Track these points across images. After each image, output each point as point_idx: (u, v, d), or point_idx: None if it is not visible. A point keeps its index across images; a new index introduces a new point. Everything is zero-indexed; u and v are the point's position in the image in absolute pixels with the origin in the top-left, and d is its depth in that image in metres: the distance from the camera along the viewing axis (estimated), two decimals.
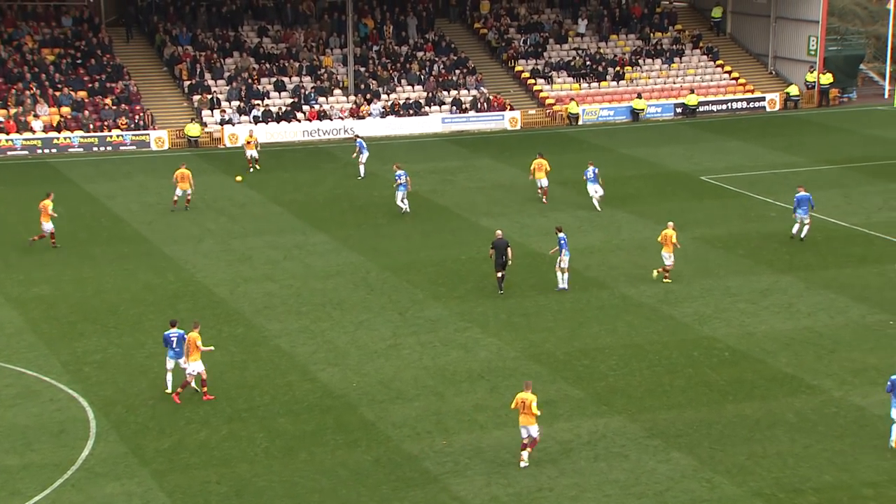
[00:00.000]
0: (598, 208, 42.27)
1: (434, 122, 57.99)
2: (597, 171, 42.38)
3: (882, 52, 66.51)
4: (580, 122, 59.20)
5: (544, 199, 43.41)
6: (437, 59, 62.44)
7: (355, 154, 48.54)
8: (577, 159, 49.74)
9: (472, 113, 58.88)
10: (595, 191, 42.26)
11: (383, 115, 58.13)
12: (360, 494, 22.55)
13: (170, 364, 27.00)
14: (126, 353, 29.63)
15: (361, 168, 48.27)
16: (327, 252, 38.22)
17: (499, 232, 34.38)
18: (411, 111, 58.71)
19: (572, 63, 63.15)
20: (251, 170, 48.58)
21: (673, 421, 25.24)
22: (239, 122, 56.36)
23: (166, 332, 26.98)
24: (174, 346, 26.69)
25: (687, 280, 34.52)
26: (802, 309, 31.86)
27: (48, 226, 38.00)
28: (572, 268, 35.35)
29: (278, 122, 56.65)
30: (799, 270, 34.98)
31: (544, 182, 43.37)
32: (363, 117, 57.65)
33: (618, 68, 62.97)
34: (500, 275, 33.46)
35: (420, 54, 62.74)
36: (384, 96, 59.52)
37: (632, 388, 27.14)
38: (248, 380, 27.91)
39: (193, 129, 54.97)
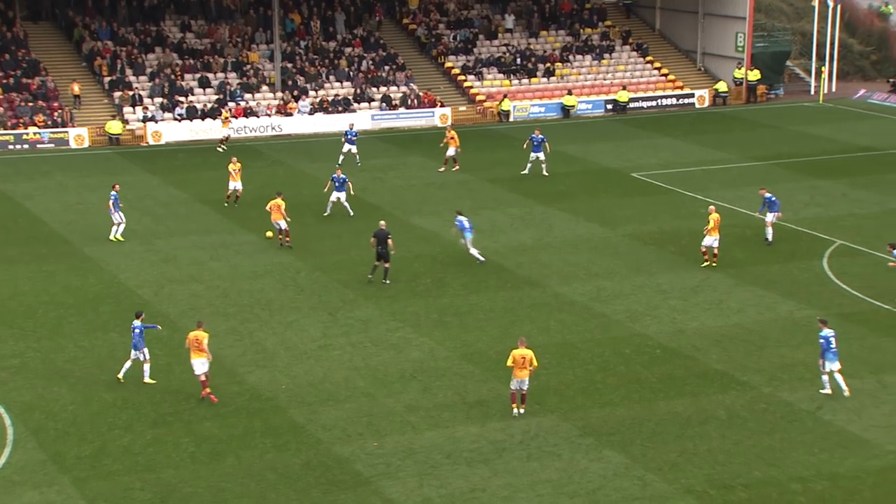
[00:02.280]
0: (545, 173, 45.41)
1: (363, 118, 57.43)
2: (543, 138, 45.15)
3: (808, 49, 67.47)
4: (511, 119, 59.12)
5: (456, 167, 46.46)
6: (365, 55, 61.91)
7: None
8: (508, 157, 49.64)
9: (402, 110, 58.47)
10: (538, 158, 44.93)
11: (311, 111, 57.44)
12: (289, 498, 22.10)
13: (133, 354, 26.98)
14: (45, 357, 28.75)
15: (339, 157, 48.45)
16: (255, 252, 37.55)
17: (382, 222, 34.31)
18: (340, 108, 58.11)
19: (502, 59, 63.05)
20: (227, 204, 43.91)
21: (605, 419, 25.13)
22: (162, 120, 55.28)
23: (133, 323, 27.01)
24: (136, 336, 26.88)
25: (619, 277, 34.51)
26: (732, 305, 32.00)
27: None
28: (504, 266, 35.20)
29: (203, 120, 55.67)
30: (728, 267, 35.16)
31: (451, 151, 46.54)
32: (291, 114, 56.90)
33: (548, 64, 63.01)
34: (385, 266, 33.52)
35: (348, 50, 62.16)
36: (312, 93, 58.83)
37: (564, 386, 26.99)
38: (173, 383, 27.22)
39: (114, 127, 53.78)
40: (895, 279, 33.68)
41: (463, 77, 62.10)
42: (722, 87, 62.49)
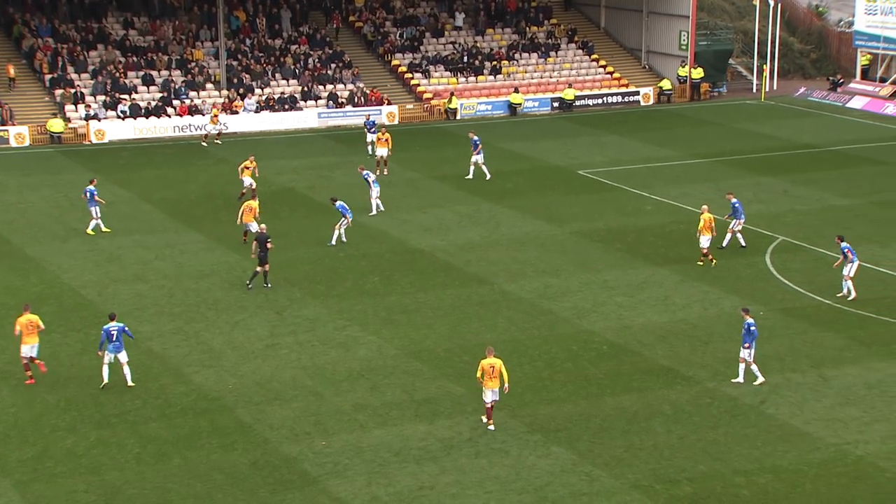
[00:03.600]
0: (470, 176, 45.28)
1: (310, 117, 57.18)
2: (478, 140, 45.49)
3: (749, 47, 68.32)
4: (458, 117, 59.18)
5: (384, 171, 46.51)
6: (311, 52, 61.62)
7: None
8: (455, 155, 49.69)
9: (348, 108, 58.28)
10: (477, 161, 45.31)
11: (257, 109, 57.06)
12: (236, 499, 21.95)
13: (108, 357, 26.64)
14: None
15: (369, 148, 49.55)
16: (201, 251, 37.22)
17: (263, 226, 34.10)
18: (286, 106, 57.79)
19: (449, 57, 63.10)
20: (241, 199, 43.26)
21: (553, 415, 25.26)
22: (105, 118, 54.59)
23: (105, 326, 26.62)
24: (114, 339, 26.49)
25: (566, 274, 34.70)
26: (678, 301, 32.31)
27: None
28: (452, 264, 35.24)
29: (147, 118, 55.05)
30: (674, 263, 35.51)
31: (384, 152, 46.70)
32: (236, 112, 56.47)
33: (494, 62, 63.17)
34: (264, 269, 33.24)
35: (294, 48, 61.82)
36: (258, 91, 58.44)
37: (512, 383, 26.97)
38: (118, 384, 26.88)
39: (56, 125, 52.99)
40: (835, 274, 34.23)
41: (410, 75, 62.05)
42: (666, 84, 63.08)
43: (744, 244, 36.52)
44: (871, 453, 23.37)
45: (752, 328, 26.33)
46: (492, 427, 24.43)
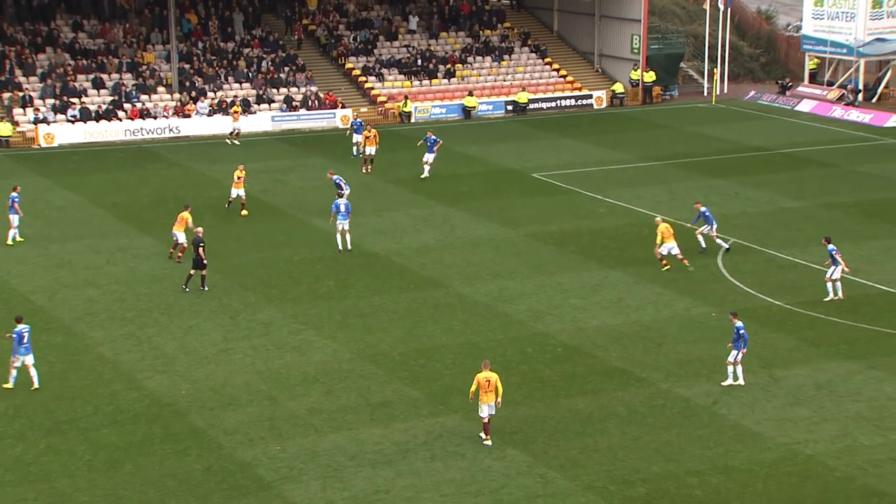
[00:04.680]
0: (426, 174, 45.96)
1: (264, 120, 56.88)
2: (436, 139, 45.96)
3: (700, 51, 69.00)
4: (413, 120, 59.18)
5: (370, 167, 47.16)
6: (264, 55, 61.32)
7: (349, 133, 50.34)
8: (410, 158, 49.68)
9: (302, 111, 58.07)
10: (427, 159, 45.64)
11: (210, 113, 56.67)
12: None
13: (19, 361, 26.42)
14: None
15: (354, 149, 49.79)
16: (153, 255, 36.90)
17: (199, 229, 33.94)
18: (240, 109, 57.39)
19: (403, 60, 63.09)
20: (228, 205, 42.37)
21: (508, 418, 25.31)
22: (54, 121, 53.92)
23: (16, 329, 26.44)
24: (24, 341, 26.33)
25: (521, 277, 34.81)
26: (631, 303, 32.54)
27: None
28: (407, 267, 35.24)
29: (98, 121, 54.47)
30: (627, 265, 35.76)
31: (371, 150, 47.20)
32: (189, 115, 56.06)
33: (448, 66, 63.26)
34: (197, 273, 33.11)
35: (247, 51, 61.49)
36: (211, 94, 58.04)
37: (468, 386, 26.96)
38: (68, 390, 26.59)
39: (4, 129, 52.26)
40: (785, 276, 34.67)
41: (364, 78, 61.96)
42: (618, 88, 63.53)
43: (704, 247, 36.71)
44: (820, 452, 23.68)
45: (742, 331, 26.44)
46: (488, 443, 23.85)
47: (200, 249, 33.02)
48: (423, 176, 46.18)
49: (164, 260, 36.31)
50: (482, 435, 24.15)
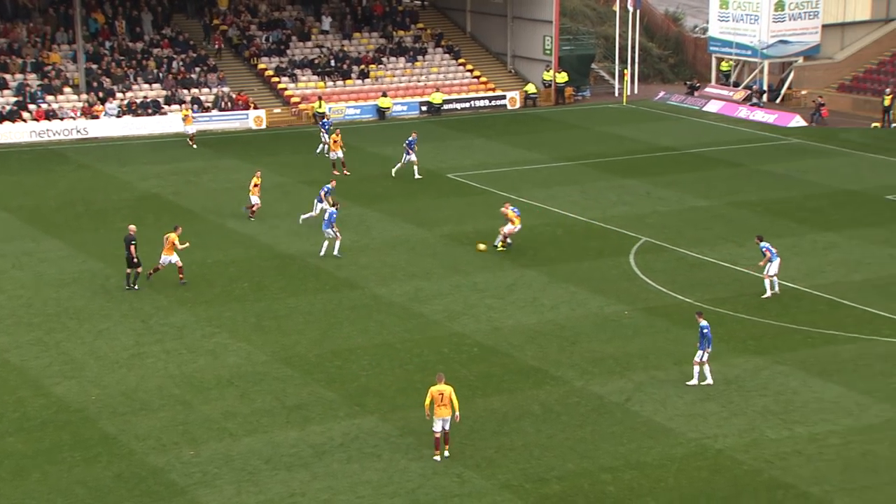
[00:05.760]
0: (417, 175, 45.82)
1: (174, 121, 56.04)
2: (415, 139, 46.29)
3: (611, 52, 69.95)
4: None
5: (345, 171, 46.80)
6: (174, 56, 60.47)
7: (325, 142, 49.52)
8: (323, 159, 49.45)
9: (214, 112, 57.39)
10: (408, 160, 45.88)
11: (119, 114, 55.70)
12: None
13: None
14: None
15: (325, 147, 49.43)
16: (61, 259, 36.14)
17: (131, 227, 33.64)
18: (150, 110, 56.56)
19: (316, 61, 62.77)
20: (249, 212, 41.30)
21: (425, 418, 25.30)
22: None
23: None
24: None
25: (436, 277, 34.90)
26: (546, 302, 32.85)
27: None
28: (323, 268, 35.05)
29: (2, 123, 53.12)
30: (542, 265, 36.09)
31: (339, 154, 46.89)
32: (97, 117, 55.00)
33: (362, 66, 63.11)
34: (136, 271, 32.94)
35: (156, 51, 60.57)
36: (119, 95, 57.05)
37: (384, 387, 27.12)
38: None
39: None
40: (695, 274, 35.34)
41: (277, 79, 61.49)
42: (531, 88, 64.08)
43: (509, 242, 37.16)
44: (729, 447, 24.20)
45: (706, 331, 26.70)
46: (437, 458, 23.23)
47: (132, 248, 32.49)
48: (417, 177, 46.44)
49: (73, 263, 35.60)
50: (437, 454, 23.35)
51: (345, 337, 30.19)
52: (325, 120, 52.08)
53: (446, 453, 23.38)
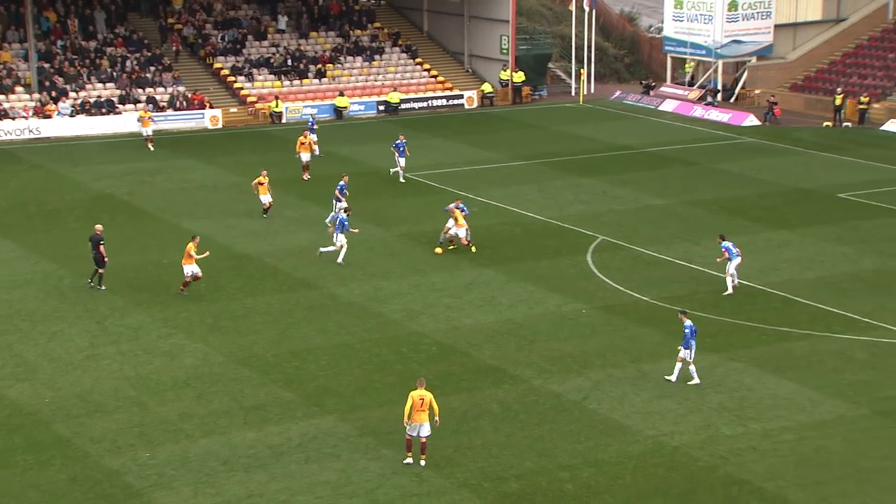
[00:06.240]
0: (402, 180, 45.40)
1: (129, 121, 55.52)
2: (405, 142, 45.87)
3: (567, 52, 70.27)
4: (283, 121, 58.66)
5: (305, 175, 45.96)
6: (129, 55, 59.90)
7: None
8: (281, 158, 49.25)
9: (169, 111, 56.94)
10: (399, 164, 45.46)
11: (73, 114, 55.08)
12: None
13: None
14: None
15: (315, 148, 48.67)
16: (13, 260, 35.69)
17: (98, 226, 33.42)
18: (104, 110, 56.00)
19: (273, 60, 62.47)
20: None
21: (384, 418, 25.34)
22: None
23: None
24: None
25: (395, 277, 34.87)
26: (504, 301, 32.93)
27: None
28: (280, 269, 34.93)
29: None
30: (500, 264, 36.17)
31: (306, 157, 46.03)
32: (49, 116, 54.36)
33: (319, 66, 62.91)
34: (99, 271, 32.70)
35: (110, 50, 59.96)
36: (73, 94, 56.41)
37: (343, 387, 27.05)
38: None
39: None
40: (652, 272, 35.60)
41: (233, 78, 61.12)
42: (488, 88, 64.20)
43: (469, 241, 37.23)
44: (685, 444, 24.40)
45: (687, 330, 26.86)
46: (409, 461, 23.00)
47: (101, 247, 32.15)
48: (401, 180, 45.91)
49: (25, 265, 35.16)
50: (411, 459, 23.10)
51: (303, 337, 30.08)
52: (311, 121, 51.10)
53: (422, 462, 23.05)
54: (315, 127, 50.23)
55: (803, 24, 66.88)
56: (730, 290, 33.44)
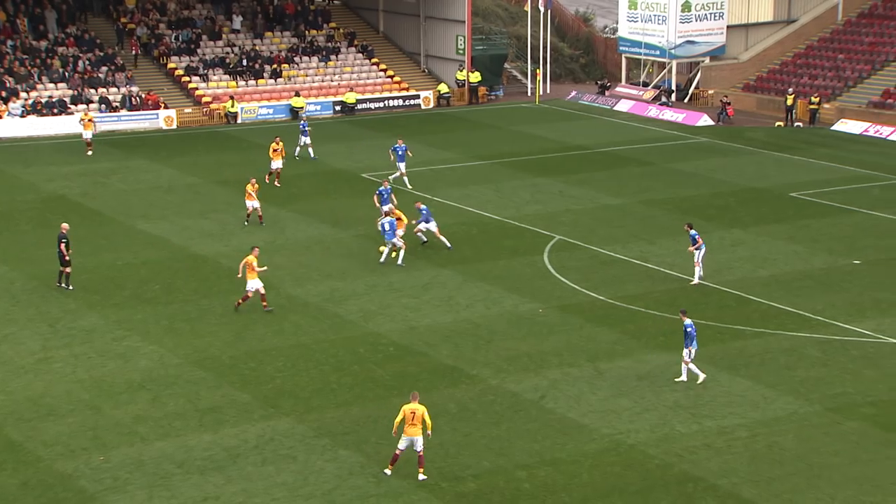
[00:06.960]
0: (409, 186, 44.22)
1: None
2: (405, 147, 45.17)
3: (523, 52, 70.49)
4: (239, 121, 58.33)
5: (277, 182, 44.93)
6: (80, 54, 59.24)
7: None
8: (236, 159, 48.97)
9: (123, 112, 56.40)
10: (399, 169, 44.82)
11: (24, 114, 54.38)
12: None
13: None
14: None
15: (310, 150, 48.96)
16: None
17: (64, 225, 33.21)
18: (55, 110, 55.34)
19: (228, 60, 62.08)
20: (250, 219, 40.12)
21: (340, 419, 25.29)
22: None
23: None
24: None
25: (352, 277, 34.79)
26: (461, 301, 32.97)
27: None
28: (236, 270, 34.77)
29: None
30: (457, 264, 36.20)
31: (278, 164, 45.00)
32: (0, 117, 53.61)
33: (274, 66, 62.61)
34: (66, 271, 32.51)
35: (62, 50, 59.27)
36: (24, 94, 55.70)
37: (299, 388, 26.95)
38: None
39: None
40: (608, 271, 35.80)
41: (187, 78, 60.66)
42: (444, 88, 64.25)
43: (425, 240, 37.27)
44: (641, 442, 24.57)
45: (689, 329, 26.94)
46: (388, 472, 22.62)
47: (62, 245, 31.83)
48: (408, 186, 44.61)
49: None
50: (389, 471, 22.77)
51: (259, 338, 29.92)
52: (303, 122, 50.33)
53: (421, 476, 22.57)
54: (308, 129, 49.59)
55: (755, 25, 67.61)
56: (696, 281, 33.78)
